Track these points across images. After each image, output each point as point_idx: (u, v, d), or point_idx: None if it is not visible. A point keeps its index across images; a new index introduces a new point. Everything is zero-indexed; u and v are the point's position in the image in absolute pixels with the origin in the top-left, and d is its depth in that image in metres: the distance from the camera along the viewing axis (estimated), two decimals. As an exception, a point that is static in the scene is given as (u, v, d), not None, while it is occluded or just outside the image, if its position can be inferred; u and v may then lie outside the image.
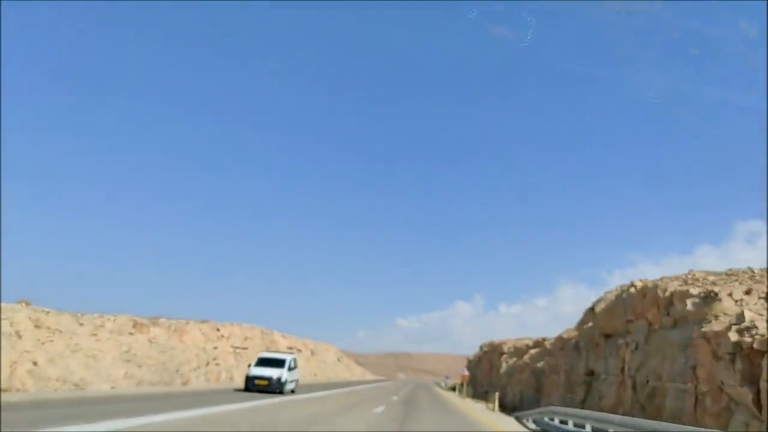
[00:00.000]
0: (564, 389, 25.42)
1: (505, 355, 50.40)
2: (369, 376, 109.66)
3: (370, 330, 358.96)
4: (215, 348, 35.41)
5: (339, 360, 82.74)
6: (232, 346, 39.37)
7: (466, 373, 46.13)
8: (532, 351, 39.10)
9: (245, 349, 41.98)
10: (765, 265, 17.93)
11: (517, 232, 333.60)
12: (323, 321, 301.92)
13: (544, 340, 39.74)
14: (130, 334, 25.90)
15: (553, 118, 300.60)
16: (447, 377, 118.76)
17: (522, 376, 39.16)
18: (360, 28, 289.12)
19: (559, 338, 30.83)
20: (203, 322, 37.20)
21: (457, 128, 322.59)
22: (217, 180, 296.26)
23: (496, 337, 76.19)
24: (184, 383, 28.66)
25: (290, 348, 57.18)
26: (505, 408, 34.01)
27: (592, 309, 21.59)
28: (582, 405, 20.63)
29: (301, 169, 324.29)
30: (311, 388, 36.44)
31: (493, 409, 30.05)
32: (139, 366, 24.71)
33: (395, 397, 34.70)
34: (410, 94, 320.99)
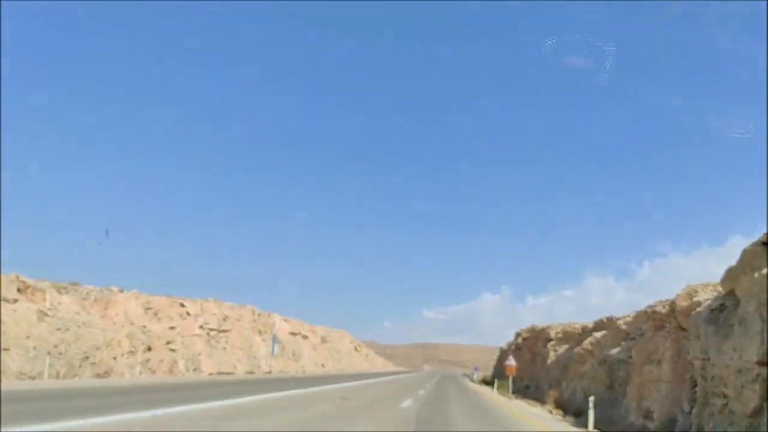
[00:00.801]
0: (678, 387, 15.86)
1: (552, 342, 40.57)
2: (391, 368, 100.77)
3: (396, 322, 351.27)
4: (172, 328, 26.69)
5: (356, 349, 73.84)
6: (203, 327, 30.69)
7: (513, 363, 35.37)
8: (597, 334, 29.25)
9: (225, 332, 33.27)
10: None
11: (545, 223, 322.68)
12: (348, 312, 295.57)
13: (610, 319, 29.90)
14: (7, 301, 17.13)
15: (573, 108, 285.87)
16: (476, 369, 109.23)
17: (583, 367, 29.37)
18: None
19: (649, 314, 21.03)
20: (156, 297, 28.40)
21: (484, 117, 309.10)
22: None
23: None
24: (102, 375, 19.84)
25: (293, 334, 48.51)
26: (566, 411, 24.45)
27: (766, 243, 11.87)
28: (754, 418, 10.95)
29: (328, 145, 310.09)
30: (294, 383, 27.43)
31: (587, 427, 19.62)
32: (6, 349, 15.91)
33: (406, 403, 25.29)
34: (430, 76, 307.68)
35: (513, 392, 40.41)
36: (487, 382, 59.98)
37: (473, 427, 14.74)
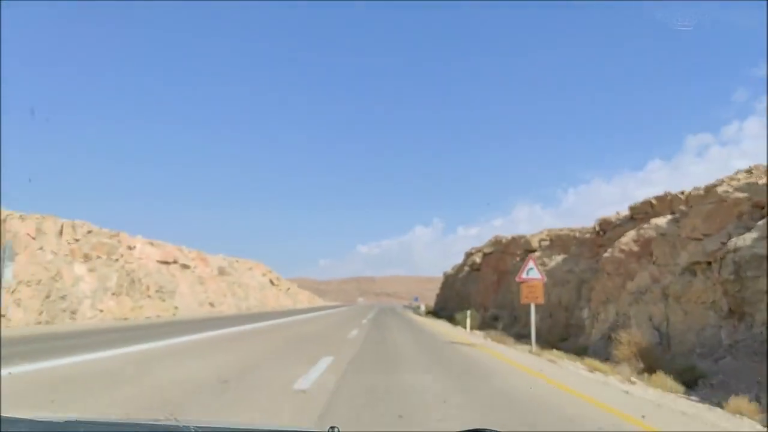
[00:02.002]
0: None
1: (536, 254, 27.98)
2: (320, 303, 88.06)
3: (331, 258, 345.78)
4: None
5: (273, 283, 59.70)
6: None
7: (537, 277, 15.51)
8: (660, 221, 16.29)
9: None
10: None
11: (473, 155, 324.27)
12: (282, 251, 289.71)
13: (653, 203, 17.15)
14: None
15: (505, 38, 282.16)
16: (416, 298, 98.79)
17: (634, 283, 16.55)
18: None
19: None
20: None
21: (415, 54, 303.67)
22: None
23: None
24: None
25: (164, 262, 33.47)
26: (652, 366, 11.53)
27: None
28: None
29: (264, 84, 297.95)
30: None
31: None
32: None
33: (318, 369, 11.15)
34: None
35: (475, 328, 27.77)
36: (436, 314, 47.94)
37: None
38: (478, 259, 42.81)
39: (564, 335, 21.57)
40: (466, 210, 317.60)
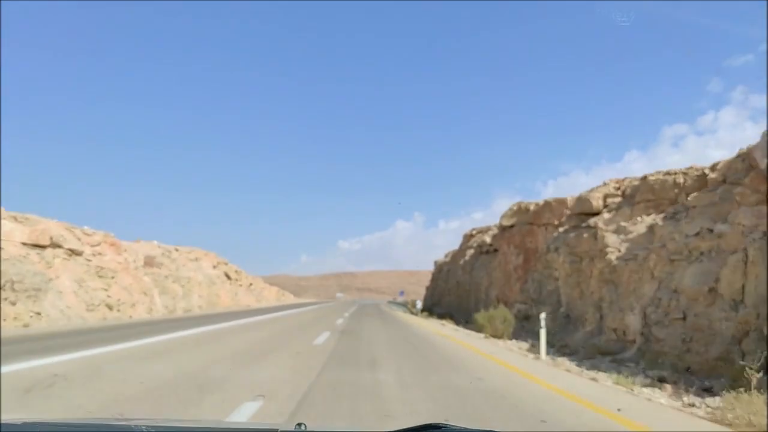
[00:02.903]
0: None
1: (606, 216, 17.57)
2: (291, 300, 77.09)
3: (312, 255, 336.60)
4: None
5: (229, 277, 48.62)
6: None
7: None
8: None
9: None
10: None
11: (453, 149, 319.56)
12: (263, 249, 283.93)
13: None
14: None
15: (483, 31, 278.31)
16: (402, 292, 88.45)
17: None
18: None
19: None
20: None
21: (393, 47, 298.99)
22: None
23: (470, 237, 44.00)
24: None
25: (36, 245, 22.40)
26: None
27: None
28: None
29: (238, 81, 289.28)
30: None
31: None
32: None
33: None
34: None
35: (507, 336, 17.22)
36: (429, 313, 37.33)
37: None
38: (488, 238, 32.40)
39: (704, 353, 11.22)
40: (447, 204, 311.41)
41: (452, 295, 42.99)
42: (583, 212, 19.38)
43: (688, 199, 14.09)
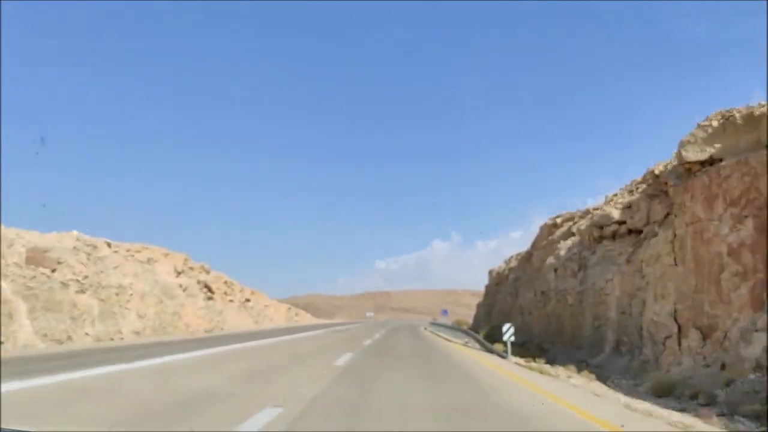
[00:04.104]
0: None
1: None
2: (308, 321, 63.14)
3: (350, 275, 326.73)
4: None
5: (209, 289, 35.16)
6: None
7: None
8: None
9: None
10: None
11: (491, 167, 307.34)
12: (303, 270, 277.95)
13: None
14: None
15: (522, 43, 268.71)
16: (445, 311, 73.24)
17: None
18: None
19: None
20: None
21: (426, 65, 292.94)
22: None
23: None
24: None
25: None
26: None
27: None
28: None
29: (270, 103, 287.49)
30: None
31: None
32: None
33: None
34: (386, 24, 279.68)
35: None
36: (489, 340, 21.94)
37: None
38: (615, 212, 17.78)
39: None
40: (484, 223, 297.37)
41: (527, 316, 28.30)
42: None
43: None
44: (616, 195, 20.21)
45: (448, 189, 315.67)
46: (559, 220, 29.85)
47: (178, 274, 30.59)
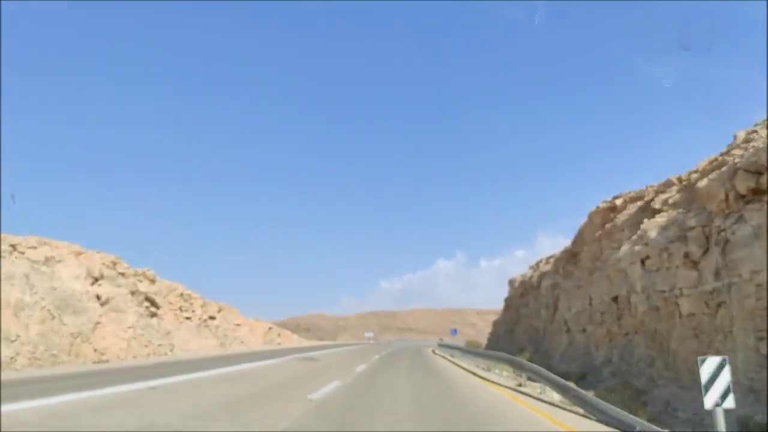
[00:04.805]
0: None
1: None
2: (294, 344, 54.36)
3: (354, 296, 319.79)
4: None
5: (153, 303, 26.85)
6: None
7: None
8: None
9: None
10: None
11: (495, 186, 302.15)
12: (307, 292, 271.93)
13: None
14: None
15: (522, 69, 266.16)
16: (454, 331, 64.55)
17: None
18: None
19: None
20: None
21: (429, 83, 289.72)
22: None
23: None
24: None
25: None
26: None
27: None
28: None
29: (267, 128, 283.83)
30: None
31: None
32: None
33: None
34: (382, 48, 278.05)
35: None
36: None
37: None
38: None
39: None
40: (488, 242, 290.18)
41: (578, 334, 19.88)
42: None
43: None
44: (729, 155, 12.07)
45: (450, 209, 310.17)
46: (618, 202, 21.59)
47: (95, 280, 22.34)
